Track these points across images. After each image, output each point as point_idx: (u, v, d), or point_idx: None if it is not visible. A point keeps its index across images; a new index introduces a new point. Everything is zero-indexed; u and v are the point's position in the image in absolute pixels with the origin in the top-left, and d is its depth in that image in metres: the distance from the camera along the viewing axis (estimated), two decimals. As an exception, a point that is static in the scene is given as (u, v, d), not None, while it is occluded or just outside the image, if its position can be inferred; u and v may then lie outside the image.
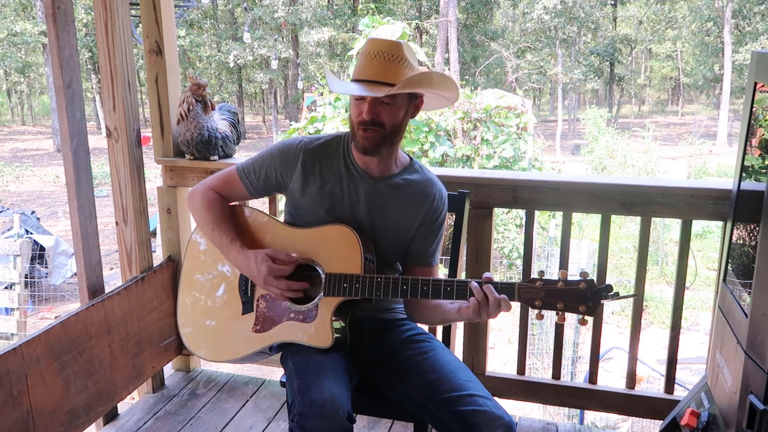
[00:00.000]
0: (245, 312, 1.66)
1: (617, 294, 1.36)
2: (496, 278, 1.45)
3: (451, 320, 1.62)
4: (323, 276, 1.56)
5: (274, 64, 23.96)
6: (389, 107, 1.52)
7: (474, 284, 1.43)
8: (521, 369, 2.38)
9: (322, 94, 8.51)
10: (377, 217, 1.64)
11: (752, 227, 1.61)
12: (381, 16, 9.47)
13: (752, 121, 1.66)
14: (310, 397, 1.38)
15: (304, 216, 1.65)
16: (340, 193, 1.63)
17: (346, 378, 1.51)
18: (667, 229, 10.35)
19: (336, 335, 1.55)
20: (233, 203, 1.74)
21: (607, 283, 1.40)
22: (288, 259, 1.56)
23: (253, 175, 1.68)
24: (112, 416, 2.34)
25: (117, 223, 2.37)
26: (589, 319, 1.38)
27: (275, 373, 2.56)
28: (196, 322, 1.72)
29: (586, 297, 1.37)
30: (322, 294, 1.56)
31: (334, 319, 1.55)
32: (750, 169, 1.67)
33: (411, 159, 1.71)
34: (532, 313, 1.44)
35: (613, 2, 29.73)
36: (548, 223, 8.50)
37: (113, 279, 4.91)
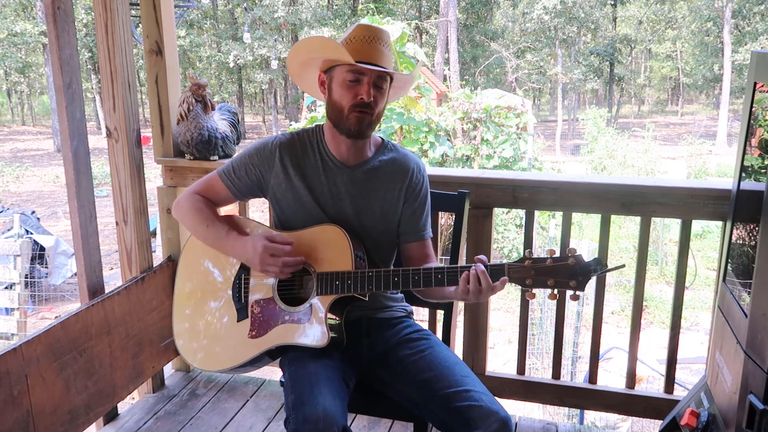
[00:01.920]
0: (240, 319, 1.65)
1: (605, 266, 1.39)
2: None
3: (451, 299, 1.66)
4: (315, 276, 1.56)
5: (274, 64, 23.97)
6: (381, 92, 1.57)
7: (471, 271, 1.45)
8: (521, 369, 2.38)
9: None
10: (362, 205, 1.65)
11: (752, 227, 1.61)
12: (381, 16, 9.46)
13: (752, 121, 1.66)
14: (303, 413, 1.38)
15: (289, 215, 1.66)
16: (320, 186, 1.64)
17: (342, 386, 1.51)
18: (667, 229, 10.35)
19: (332, 334, 1.55)
20: (220, 211, 1.75)
21: (595, 257, 1.42)
22: (283, 240, 1.56)
23: (233, 174, 1.69)
24: (112, 416, 2.34)
25: (117, 223, 2.37)
26: (581, 294, 1.41)
27: (275, 373, 2.56)
28: (192, 333, 1.73)
29: (575, 272, 1.39)
30: (315, 294, 1.56)
31: (329, 317, 1.55)
32: (750, 169, 1.68)
33: (383, 139, 1.73)
34: (524, 292, 1.46)
35: (613, 2, 29.74)
36: (548, 223, 8.50)
37: (113, 279, 4.91)
